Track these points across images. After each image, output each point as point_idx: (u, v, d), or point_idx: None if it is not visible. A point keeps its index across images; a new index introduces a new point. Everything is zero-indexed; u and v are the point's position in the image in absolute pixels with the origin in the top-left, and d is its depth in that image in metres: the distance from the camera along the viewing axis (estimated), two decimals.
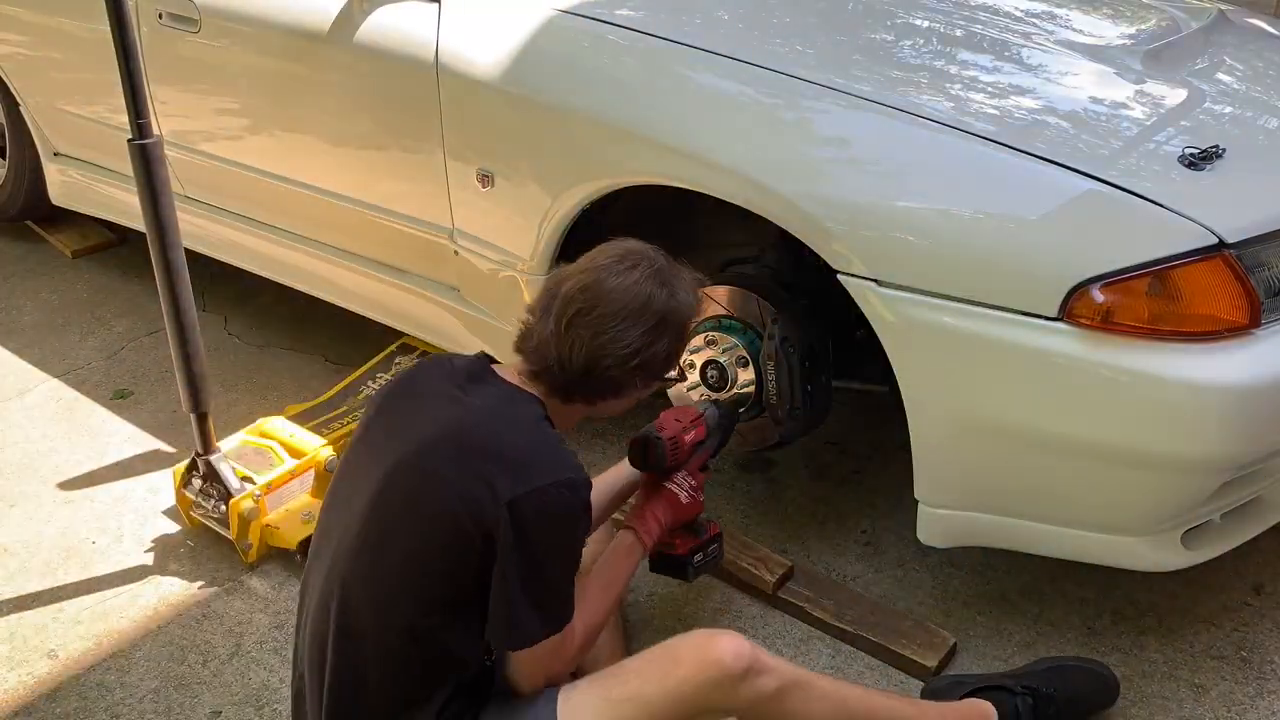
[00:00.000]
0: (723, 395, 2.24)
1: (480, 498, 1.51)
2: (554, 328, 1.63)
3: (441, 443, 1.58)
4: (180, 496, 2.42)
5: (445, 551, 1.54)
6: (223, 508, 2.32)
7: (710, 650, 1.58)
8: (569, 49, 2.28)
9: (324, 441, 2.49)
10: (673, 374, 1.77)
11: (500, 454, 1.54)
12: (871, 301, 1.91)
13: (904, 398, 1.94)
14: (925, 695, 1.98)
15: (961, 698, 1.91)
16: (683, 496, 1.93)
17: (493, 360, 1.72)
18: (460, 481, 1.53)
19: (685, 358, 2.27)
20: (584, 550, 1.61)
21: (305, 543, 2.30)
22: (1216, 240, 1.75)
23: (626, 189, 2.17)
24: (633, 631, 2.17)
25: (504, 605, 1.54)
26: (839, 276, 1.94)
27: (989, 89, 2.11)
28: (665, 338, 1.66)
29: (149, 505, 2.54)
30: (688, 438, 1.96)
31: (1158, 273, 1.74)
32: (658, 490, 1.93)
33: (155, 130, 2.14)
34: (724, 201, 2.06)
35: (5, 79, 3.40)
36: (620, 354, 1.62)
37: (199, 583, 2.32)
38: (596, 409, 1.72)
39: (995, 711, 1.84)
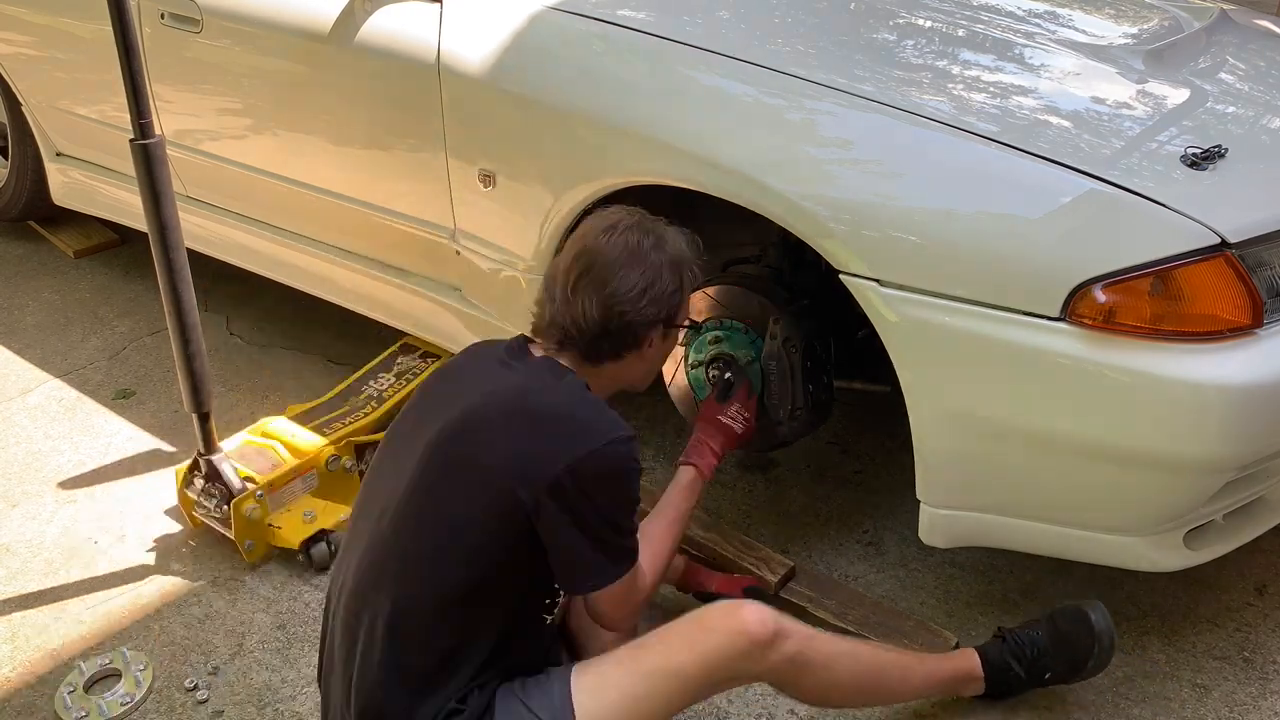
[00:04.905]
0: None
1: (536, 461, 1.57)
2: (561, 296, 1.71)
3: (490, 409, 1.64)
4: (182, 496, 2.42)
5: (490, 514, 1.59)
6: (225, 508, 2.32)
7: (736, 620, 1.66)
8: (570, 49, 2.28)
9: (326, 441, 2.49)
10: (688, 321, 1.84)
11: (555, 418, 1.62)
12: (873, 301, 1.91)
13: (906, 398, 1.94)
14: None
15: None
16: (737, 427, 2.13)
17: (530, 340, 1.78)
18: (512, 445, 1.59)
19: (691, 355, 2.28)
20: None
21: (307, 542, 2.31)
22: (1219, 240, 1.75)
23: (628, 189, 2.17)
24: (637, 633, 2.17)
25: (573, 554, 1.62)
26: (841, 276, 1.94)
27: (991, 89, 2.10)
28: (665, 274, 1.72)
29: (151, 505, 2.54)
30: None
31: (1160, 273, 1.74)
32: (707, 423, 2.13)
33: (157, 130, 2.14)
34: (726, 201, 2.05)
35: (7, 79, 3.40)
36: (630, 294, 1.69)
37: (201, 583, 2.32)
38: (625, 367, 1.76)
39: (979, 659, 1.95)
